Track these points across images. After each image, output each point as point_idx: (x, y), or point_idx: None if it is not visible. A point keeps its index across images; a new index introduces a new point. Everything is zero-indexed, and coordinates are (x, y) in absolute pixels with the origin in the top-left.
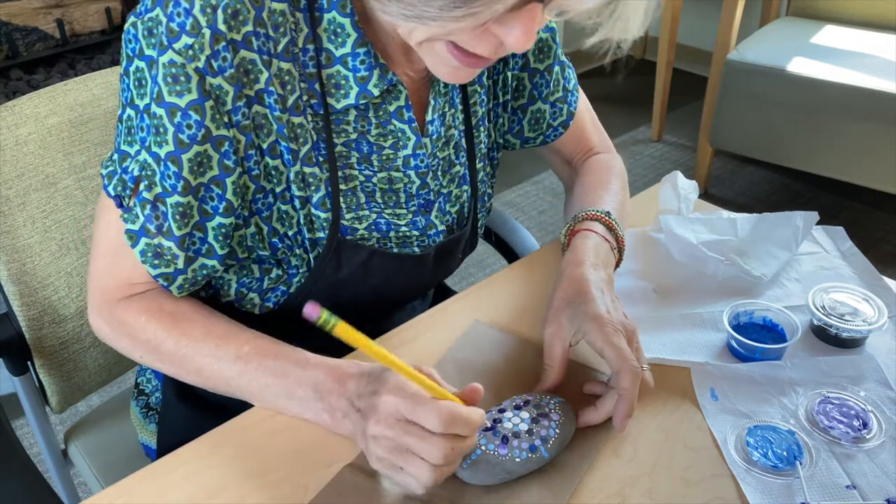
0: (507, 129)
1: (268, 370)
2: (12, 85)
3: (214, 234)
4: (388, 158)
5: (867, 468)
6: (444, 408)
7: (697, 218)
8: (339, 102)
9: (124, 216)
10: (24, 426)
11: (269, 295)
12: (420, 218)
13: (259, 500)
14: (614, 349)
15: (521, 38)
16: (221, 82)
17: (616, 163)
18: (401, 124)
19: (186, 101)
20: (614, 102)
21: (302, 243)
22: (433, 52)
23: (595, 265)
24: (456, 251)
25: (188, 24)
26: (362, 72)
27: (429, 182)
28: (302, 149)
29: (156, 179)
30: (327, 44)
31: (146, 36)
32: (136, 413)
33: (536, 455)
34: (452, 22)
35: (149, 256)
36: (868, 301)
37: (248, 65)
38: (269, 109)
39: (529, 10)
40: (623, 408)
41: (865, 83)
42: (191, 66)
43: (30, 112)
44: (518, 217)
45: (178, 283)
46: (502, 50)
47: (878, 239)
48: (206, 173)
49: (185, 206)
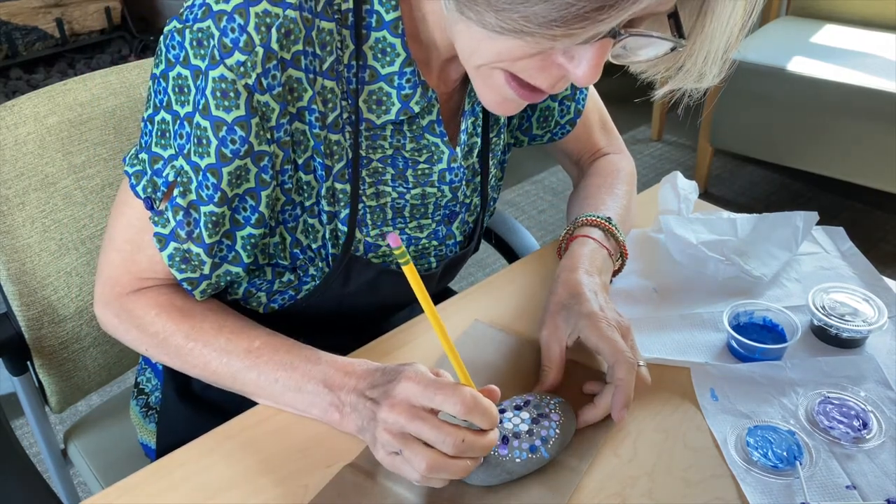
0: (517, 126)
1: (278, 364)
2: (12, 84)
3: (243, 244)
4: (423, 174)
5: (867, 468)
6: (467, 392)
7: (697, 218)
8: (378, 118)
9: (154, 219)
10: (24, 426)
11: (277, 297)
12: (442, 228)
13: (259, 500)
14: (609, 342)
15: (589, 72)
16: (269, 100)
17: (625, 164)
18: (433, 138)
19: (233, 117)
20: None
21: (325, 257)
22: (490, 79)
23: (589, 271)
24: (461, 263)
25: (242, 40)
26: (407, 90)
27: (458, 195)
28: (336, 165)
29: (191, 187)
30: (372, 61)
31: (194, 46)
32: (136, 413)
33: (537, 455)
34: (548, 40)
35: (176, 261)
36: (868, 301)
37: (295, 83)
38: (309, 126)
39: (602, 44)
40: (620, 398)
41: (865, 83)
42: (241, 83)
43: (29, 112)
44: (518, 217)
45: (201, 288)
46: (561, 84)
47: (878, 239)
48: (242, 185)
49: (218, 215)
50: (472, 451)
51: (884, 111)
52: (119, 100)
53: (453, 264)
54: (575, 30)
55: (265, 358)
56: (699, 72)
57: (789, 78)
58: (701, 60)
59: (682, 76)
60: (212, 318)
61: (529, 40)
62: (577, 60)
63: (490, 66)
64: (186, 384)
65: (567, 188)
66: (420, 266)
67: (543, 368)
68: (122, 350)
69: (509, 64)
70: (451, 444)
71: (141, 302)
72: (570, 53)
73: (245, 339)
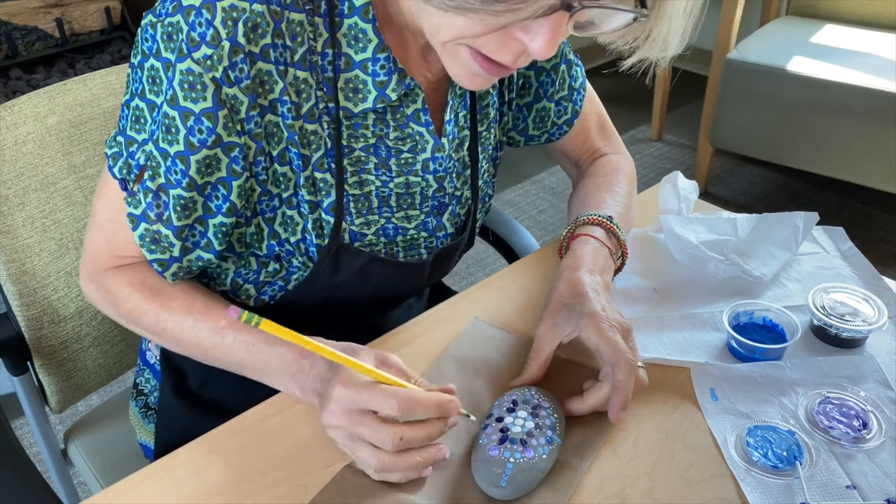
0: (512, 126)
1: (242, 345)
2: (12, 84)
3: (214, 231)
4: (406, 162)
5: (867, 468)
6: (401, 393)
7: (697, 218)
8: (356, 106)
9: (128, 199)
10: (24, 426)
11: (266, 289)
12: (431, 219)
13: (259, 500)
14: (609, 343)
15: (545, 46)
16: (237, 93)
17: (625, 164)
18: (418, 127)
19: (200, 108)
20: (614, 102)
21: (306, 251)
22: (456, 55)
23: (591, 271)
24: (454, 255)
25: (209, 34)
26: (381, 76)
27: (445, 185)
28: (314, 155)
29: (160, 171)
30: (346, 48)
31: (165, 39)
32: (136, 413)
33: (554, 444)
34: (492, 16)
35: (146, 241)
36: (868, 301)
37: (265, 76)
38: (282, 118)
39: (556, 18)
40: (618, 400)
41: (865, 83)
42: (208, 76)
43: (29, 112)
44: (518, 217)
45: (172, 271)
46: (523, 59)
47: (878, 239)
48: (213, 174)
49: (187, 199)
50: (415, 444)
51: (884, 111)
52: (119, 100)
53: (445, 256)
54: (517, 5)
55: (230, 338)
56: (663, 40)
57: (789, 78)
58: (665, 28)
59: (648, 45)
60: (181, 298)
61: (473, 17)
62: (533, 34)
63: (454, 42)
64: (184, 382)
65: (567, 188)
66: (411, 257)
67: (528, 362)
68: (122, 350)
69: (471, 40)
70: (391, 442)
71: (117, 280)
72: (526, 28)
73: (212, 318)
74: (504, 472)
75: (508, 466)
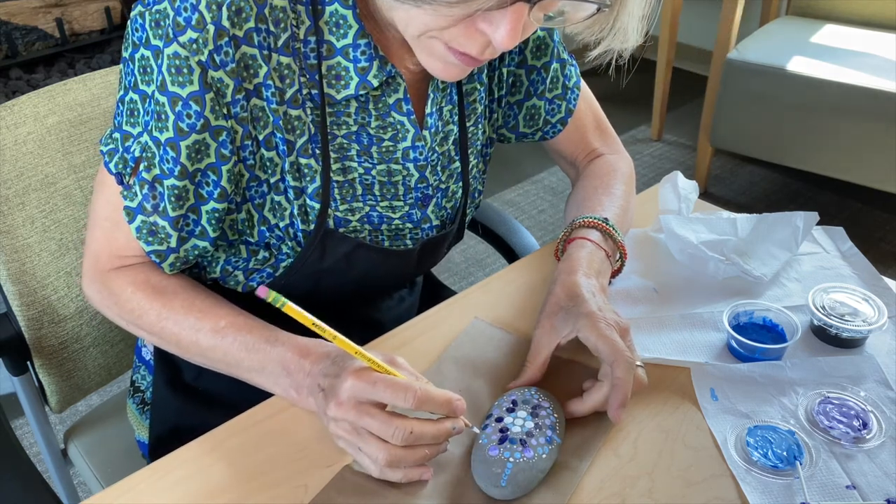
0: (502, 123)
1: (242, 345)
2: (12, 84)
3: (208, 218)
4: (387, 151)
5: (867, 468)
6: (416, 386)
7: (697, 218)
8: (339, 93)
9: (124, 193)
10: (24, 426)
11: (255, 275)
12: (416, 211)
13: (259, 500)
14: (608, 342)
15: (507, 37)
16: (223, 76)
17: (622, 165)
18: (399, 116)
19: (188, 92)
20: (614, 102)
21: (294, 236)
22: (430, 48)
23: (587, 274)
24: (442, 246)
25: (194, 19)
26: (363, 62)
27: (428, 176)
28: (298, 140)
29: (155, 161)
30: (328, 35)
31: (153, 27)
32: (133, 410)
33: (553, 444)
34: (445, 7)
35: (144, 233)
36: (868, 301)
37: (249, 60)
38: (267, 102)
39: (516, 9)
40: (618, 398)
41: (865, 83)
42: (194, 59)
43: (29, 111)
44: (518, 217)
45: (169, 261)
46: (490, 51)
47: (878, 239)
48: (203, 160)
49: (180, 189)
50: (423, 440)
51: (884, 111)
52: None
53: (432, 247)
54: None
55: (230, 338)
56: (624, 30)
57: (789, 78)
58: (626, 18)
59: (612, 36)
60: (182, 297)
61: (428, 9)
62: (496, 25)
63: (426, 36)
64: (177, 374)
65: (566, 188)
66: (396, 246)
67: (526, 364)
68: (122, 350)
69: (438, 33)
70: (401, 436)
71: (119, 279)
72: (489, 19)
73: (212, 318)
74: (504, 472)
75: (508, 466)
